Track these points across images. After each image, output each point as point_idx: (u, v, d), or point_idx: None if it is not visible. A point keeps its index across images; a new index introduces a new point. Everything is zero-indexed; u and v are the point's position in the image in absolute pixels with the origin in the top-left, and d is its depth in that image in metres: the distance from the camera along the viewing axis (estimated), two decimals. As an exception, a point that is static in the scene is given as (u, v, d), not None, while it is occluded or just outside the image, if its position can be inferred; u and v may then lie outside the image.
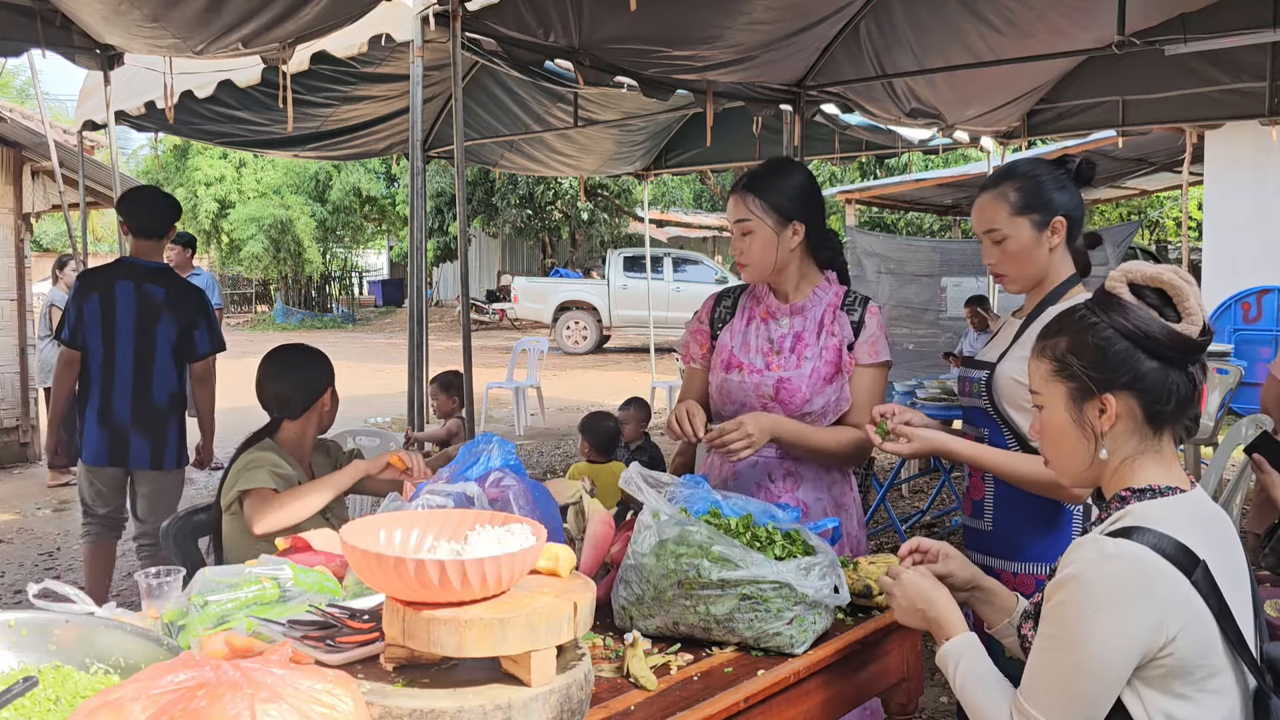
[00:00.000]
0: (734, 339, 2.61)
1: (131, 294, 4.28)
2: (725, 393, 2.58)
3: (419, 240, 4.39)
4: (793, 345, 2.55)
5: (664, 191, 24.35)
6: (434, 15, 4.37)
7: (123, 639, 1.53)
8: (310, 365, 2.95)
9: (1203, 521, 1.52)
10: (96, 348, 4.26)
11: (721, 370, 2.60)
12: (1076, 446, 1.59)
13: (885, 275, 12.17)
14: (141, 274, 4.33)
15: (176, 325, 4.33)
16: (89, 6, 4.34)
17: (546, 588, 1.55)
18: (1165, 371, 1.52)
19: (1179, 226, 18.73)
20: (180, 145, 25.59)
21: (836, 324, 2.56)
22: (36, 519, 7.13)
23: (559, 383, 14.36)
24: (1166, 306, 1.54)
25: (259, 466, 2.72)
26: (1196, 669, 1.43)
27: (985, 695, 1.59)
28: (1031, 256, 2.27)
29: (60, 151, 7.75)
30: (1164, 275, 1.54)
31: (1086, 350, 1.55)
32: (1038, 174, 2.29)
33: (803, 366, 2.51)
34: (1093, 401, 1.55)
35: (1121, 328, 1.53)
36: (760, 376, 2.53)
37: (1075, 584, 1.44)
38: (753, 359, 2.56)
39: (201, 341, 4.41)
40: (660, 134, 9.09)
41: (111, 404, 4.27)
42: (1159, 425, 1.55)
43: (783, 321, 2.58)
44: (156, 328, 4.30)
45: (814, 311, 2.57)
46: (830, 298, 2.59)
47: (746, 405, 2.54)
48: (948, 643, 1.70)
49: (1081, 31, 5.84)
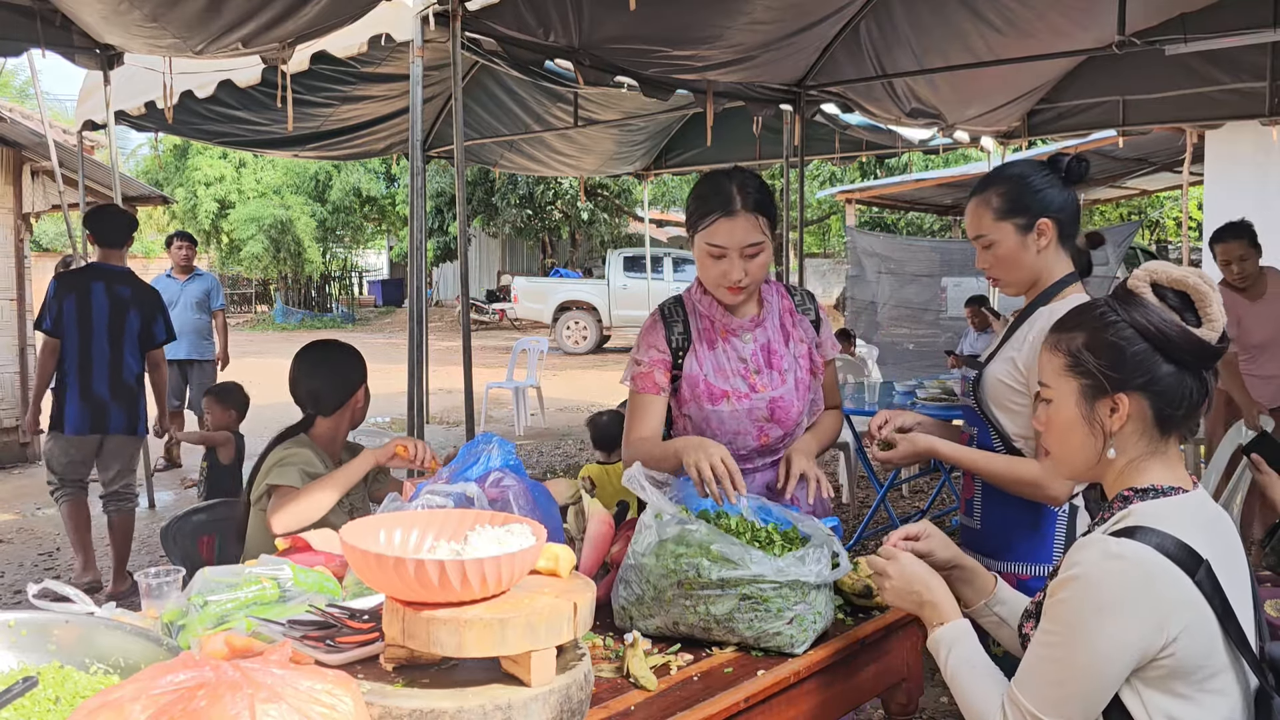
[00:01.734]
0: (703, 367, 2.46)
1: (104, 293, 5.09)
2: (716, 423, 2.45)
3: (419, 240, 4.39)
4: (767, 360, 2.48)
5: (664, 191, 24.35)
6: (434, 15, 4.37)
7: (123, 639, 1.53)
8: (345, 362, 2.94)
9: (1205, 521, 1.51)
10: (73, 337, 5.03)
11: (705, 403, 2.44)
12: (1083, 443, 1.58)
13: (885, 275, 12.18)
14: (110, 276, 5.16)
15: (140, 318, 5.19)
16: (89, 6, 4.34)
17: (546, 588, 1.55)
18: (1181, 376, 1.51)
19: (1179, 226, 18.74)
20: (180, 145, 25.58)
21: (799, 328, 2.53)
22: (36, 519, 7.13)
23: (559, 383, 14.36)
24: (1186, 310, 1.52)
25: (291, 465, 2.71)
26: (1198, 669, 1.43)
27: (976, 683, 1.59)
28: (1019, 261, 2.27)
29: (60, 151, 7.75)
30: (1189, 279, 1.52)
31: (1104, 348, 1.53)
32: (1023, 177, 2.27)
33: (788, 381, 2.47)
34: (1105, 400, 1.54)
35: (1142, 328, 1.51)
36: (750, 400, 2.44)
37: (1079, 583, 1.44)
38: (734, 384, 2.45)
39: (159, 332, 5.31)
40: (660, 134, 9.10)
41: (91, 383, 5.04)
42: (1168, 428, 1.54)
43: (745, 337, 2.48)
44: (124, 321, 5.14)
45: (771, 320, 2.51)
46: (780, 300, 2.54)
47: (740, 433, 2.45)
48: (940, 628, 1.70)
49: (1081, 31, 5.85)
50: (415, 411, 4.46)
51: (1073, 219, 2.29)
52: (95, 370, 5.04)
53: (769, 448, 2.47)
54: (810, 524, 2.04)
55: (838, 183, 19.07)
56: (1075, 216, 2.30)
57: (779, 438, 2.47)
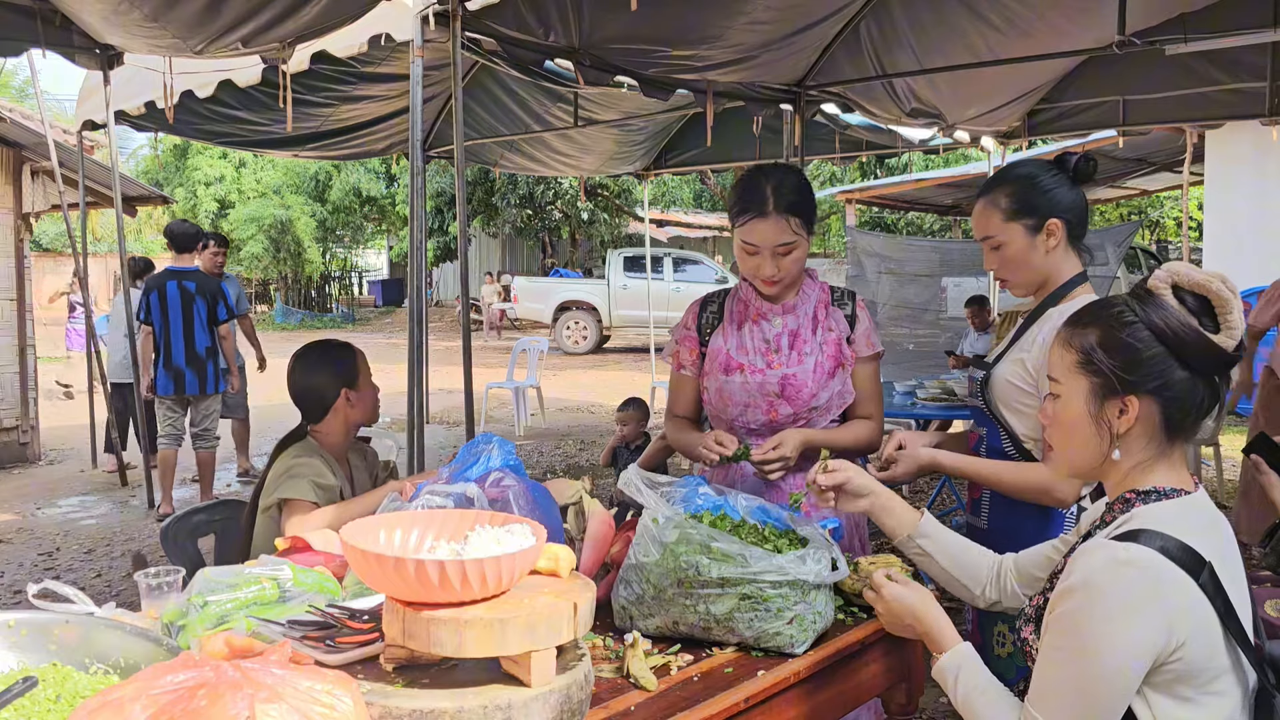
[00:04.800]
0: (727, 342, 2.60)
1: (175, 288, 6.89)
2: (726, 395, 2.58)
3: (419, 240, 4.38)
4: (791, 342, 2.56)
5: (664, 191, 24.36)
6: (434, 15, 4.37)
7: (123, 639, 1.53)
8: (342, 361, 2.88)
9: (1206, 523, 1.50)
10: (158, 323, 6.85)
11: (720, 374, 2.59)
12: (1088, 442, 1.55)
13: (885, 275, 12.17)
14: (180, 275, 6.98)
15: (205, 305, 6.96)
16: (89, 6, 4.34)
17: (546, 588, 1.55)
18: (1194, 381, 1.48)
19: (1179, 226, 18.74)
20: (180, 145, 25.60)
21: (831, 319, 2.58)
22: (36, 519, 7.13)
23: (559, 383, 14.36)
24: (1204, 315, 1.48)
25: (302, 476, 2.67)
26: (1202, 671, 1.41)
27: (990, 708, 1.56)
28: (1028, 262, 2.26)
29: (60, 151, 7.75)
30: (1212, 284, 1.48)
31: (1119, 348, 1.50)
32: (1031, 177, 2.26)
33: (805, 362, 2.53)
34: (1115, 400, 1.51)
35: (1159, 331, 1.47)
36: (763, 376, 2.54)
37: (1085, 591, 1.41)
38: (752, 360, 2.56)
39: (221, 312, 7.04)
40: (660, 134, 9.09)
41: (171, 357, 6.86)
42: (1175, 433, 1.52)
43: (775, 321, 2.58)
44: (193, 307, 6.91)
45: (804, 308, 2.59)
46: (818, 294, 2.62)
47: (751, 405, 2.55)
48: (943, 657, 1.67)
49: (1082, 31, 5.84)
50: (415, 411, 4.46)
51: (1081, 218, 2.27)
52: (174, 347, 6.83)
53: (778, 424, 2.53)
54: (810, 528, 2.04)
55: (838, 183, 19.08)
56: (1084, 216, 2.28)
57: (788, 415, 2.53)
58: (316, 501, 2.65)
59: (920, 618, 1.74)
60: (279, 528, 2.65)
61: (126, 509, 7.37)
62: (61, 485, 8.22)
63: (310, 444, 2.82)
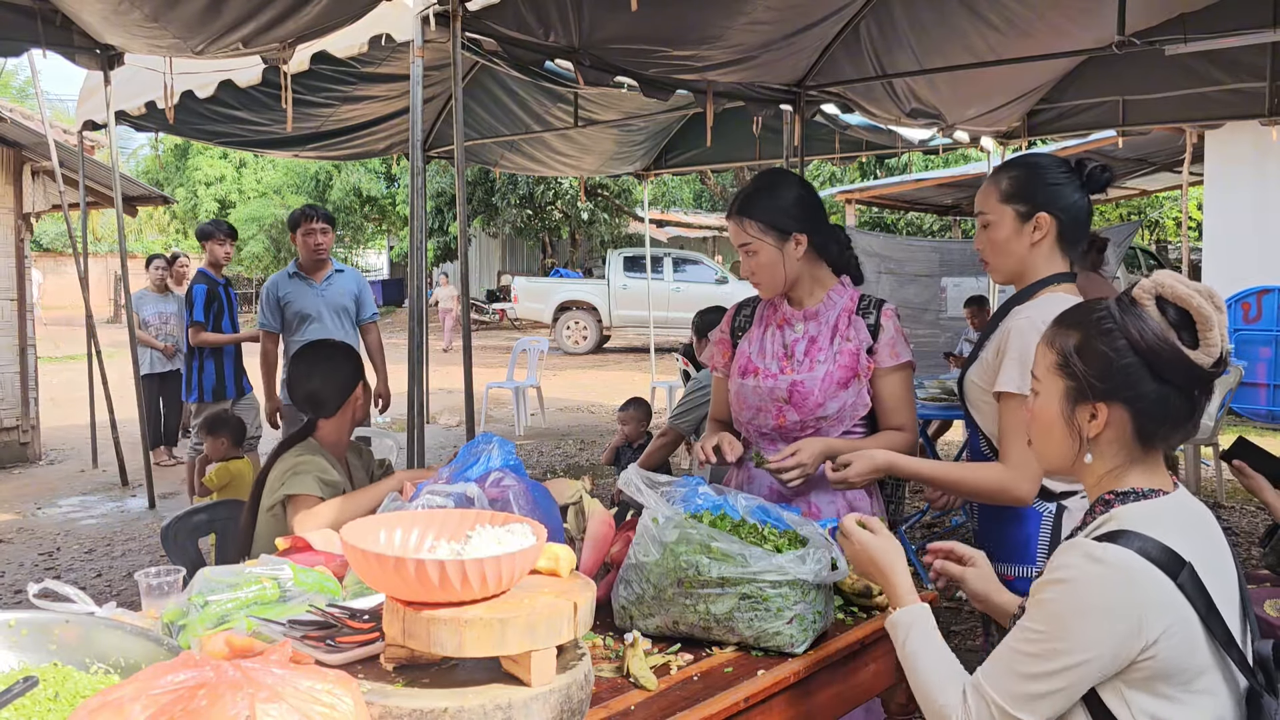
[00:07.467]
0: (751, 346, 2.65)
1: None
2: (741, 398, 2.62)
3: (419, 240, 4.38)
4: (806, 350, 2.57)
5: (664, 191, 24.35)
6: (434, 15, 4.37)
7: (123, 639, 1.53)
8: (340, 361, 2.93)
9: (1188, 522, 1.51)
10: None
11: (738, 376, 2.64)
12: (1061, 442, 1.58)
13: (885, 275, 12.17)
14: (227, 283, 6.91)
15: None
16: (89, 6, 4.34)
17: (546, 588, 1.55)
18: (1166, 394, 1.49)
19: (1179, 226, 18.73)
20: (180, 145, 25.61)
21: (852, 329, 2.56)
22: (36, 519, 7.13)
23: (559, 383, 14.36)
24: (1184, 329, 1.48)
25: (306, 472, 2.70)
26: (1181, 670, 1.42)
27: (933, 673, 1.60)
28: (1010, 247, 2.25)
29: (60, 151, 7.74)
30: (1194, 300, 1.47)
31: (1094, 355, 1.51)
32: (1038, 166, 2.26)
33: (815, 370, 2.53)
34: (1086, 405, 1.53)
35: (1135, 342, 1.48)
36: (774, 381, 2.55)
37: (1060, 587, 1.44)
38: (767, 364, 2.59)
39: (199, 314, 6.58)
40: (660, 134, 9.09)
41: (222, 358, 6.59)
42: (1148, 442, 1.53)
43: (797, 327, 2.60)
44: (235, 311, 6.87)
45: (828, 316, 2.59)
46: (845, 302, 2.60)
47: (761, 410, 2.57)
48: (899, 611, 1.71)
49: (1081, 31, 5.84)
50: (415, 411, 4.46)
51: (1076, 223, 2.24)
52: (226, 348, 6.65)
53: (787, 430, 2.54)
54: (809, 528, 2.03)
55: (838, 183, 19.06)
56: (1080, 222, 2.25)
57: (795, 423, 2.54)
58: (321, 496, 2.67)
59: (881, 567, 1.78)
60: (282, 526, 2.67)
61: (127, 509, 7.37)
62: (62, 485, 8.23)
63: (312, 444, 2.85)
